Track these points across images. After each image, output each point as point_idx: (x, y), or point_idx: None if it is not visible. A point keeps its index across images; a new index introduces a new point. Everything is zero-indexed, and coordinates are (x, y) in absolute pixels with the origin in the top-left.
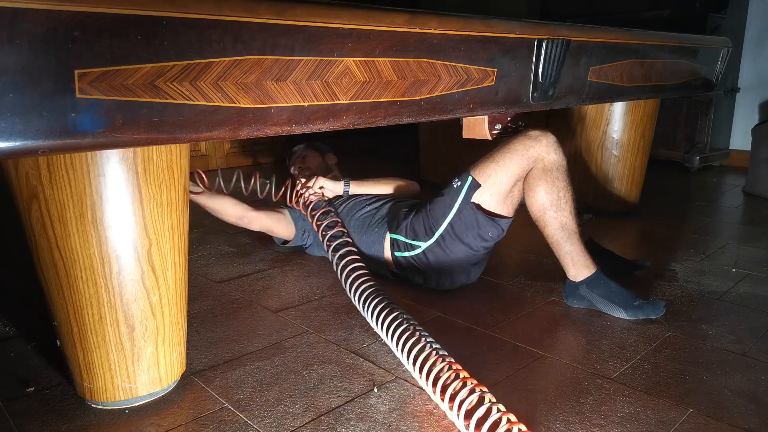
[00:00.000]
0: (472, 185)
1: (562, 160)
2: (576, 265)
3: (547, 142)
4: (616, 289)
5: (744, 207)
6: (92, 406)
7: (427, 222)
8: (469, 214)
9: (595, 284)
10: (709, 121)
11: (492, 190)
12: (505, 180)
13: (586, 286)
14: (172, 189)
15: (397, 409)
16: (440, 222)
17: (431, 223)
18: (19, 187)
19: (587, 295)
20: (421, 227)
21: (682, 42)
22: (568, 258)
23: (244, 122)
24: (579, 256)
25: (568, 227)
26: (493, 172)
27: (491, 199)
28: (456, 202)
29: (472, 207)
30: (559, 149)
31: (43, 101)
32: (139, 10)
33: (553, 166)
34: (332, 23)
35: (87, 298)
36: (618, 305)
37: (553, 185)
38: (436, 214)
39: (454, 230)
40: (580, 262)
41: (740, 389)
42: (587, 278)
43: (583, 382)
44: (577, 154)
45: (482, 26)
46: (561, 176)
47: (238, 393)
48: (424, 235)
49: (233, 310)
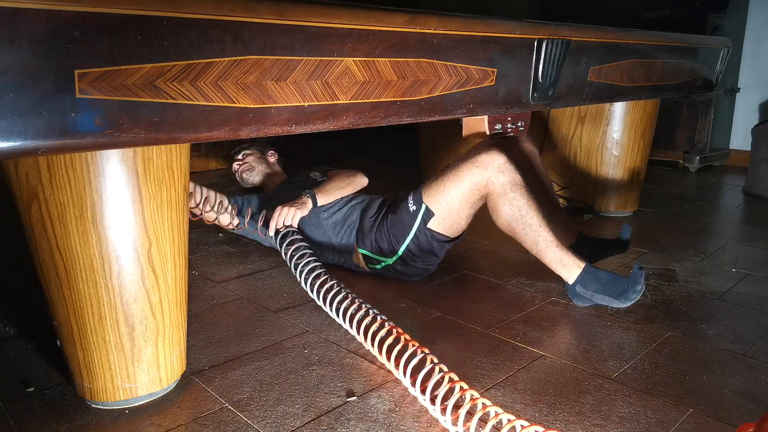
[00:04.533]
0: (426, 213)
1: (514, 179)
2: (565, 268)
3: (494, 167)
4: (607, 279)
5: (744, 207)
6: (92, 406)
7: (389, 240)
8: (424, 239)
9: (587, 281)
10: (709, 121)
11: (444, 214)
12: (456, 206)
13: (581, 285)
14: (172, 189)
15: (397, 409)
16: (401, 242)
17: (392, 242)
18: (19, 187)
19: (585, 294)
20: (385, 244)
21: (682, 42)
22: (554, 264)
23: (244, 122)
24: (564, 259)
25: (542, 238)
26: (444, 200)
27: (444, 222)
28: (413, 227)
29: (427, 232)
30: (508, 169)
31: (43, 101)
32: (139, 10)
33: (506, 189)
34: (332, 23)
35: (87, 298)
36: (612, 296)
37: (512, 205)
38: (396, 234)
39: (412, 251)
40: (567, 264)
41: (740, 389)
42: (578, 277)
43: (583, 382)
44: (576, 154)
45: (482, 26)
46: (518, 194)
47: (238, 393)
48: (389, 252)
49: (233, 310)
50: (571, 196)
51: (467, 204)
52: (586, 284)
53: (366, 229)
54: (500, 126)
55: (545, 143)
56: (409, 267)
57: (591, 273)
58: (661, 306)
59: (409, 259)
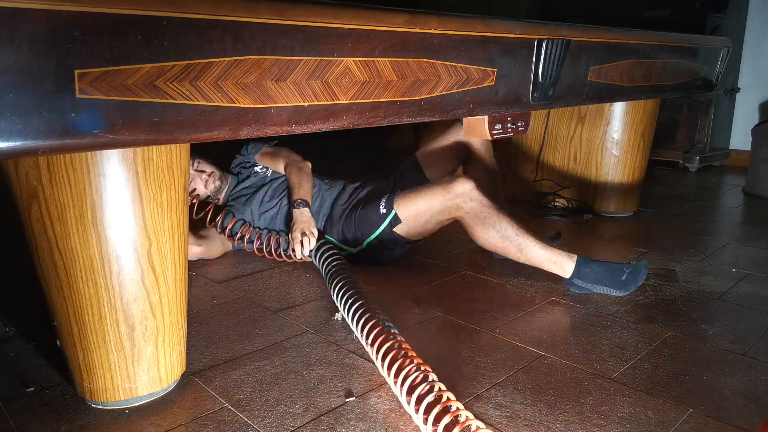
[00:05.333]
0: (394, 219)
1: (482, 201)
2: (557, 266)
3: (463, 193)
4: (603, 269)
5: (744, 207)
6: (92, 406)
7: (355, 233)
8: (389, 238)
9: (584, 273)
10: (709, 121)
11: (410, 224)
12: (423, 220)
13: (577, 278)
14: (172, 189)
15: (397, 409)
16: (366, 236)
17: (358, 236)
18: (19, 187)
19: (584, 285)
20: (351, 236)
21: (682, 42)
22: (547, 265)
23: (244, 122)
24: (554, 258)
25: (524, 245)
26: (413, 213)
27: (408, 231)
28: (380, 227)
29: (392, 234)
30: (476, 194)
31: (43, 101)
32: (139, 10)
33: (477, 210)
34: (332, 23)
35: (87, 298)
36: (609, 286)
37: (485, 225)
38: (363, 228)
39: (375, 246)
40: (558, 261)
41: (740, 389)
42: (574, 271)
43: (583, 382)
44: (576, 154)
45: (482, 26)
46: (487, 213)
47: (238, 393)
48: (353, 243)
49: (233, 310)
50: (571, 196)
51: (435, 221)
52: (583, 276)
53: (335, 217)
54: (500, 126)
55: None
56: (372, 256)
57: (585, 265)
58: (661, 306)
59: (371, 250)
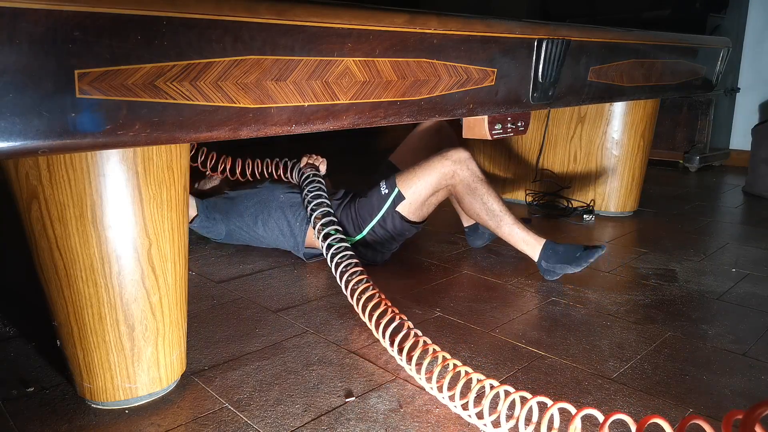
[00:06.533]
0: (397, 197)
1: (476, 172)
2: (528, 246)
3: (459, 160)
4: (563, 249)
5: (744, 207)
6: (92, 406)
7: (355, 220)
8: (391, 220)
9: (548, 255)
10: (709, 121)
11: (413, 200)
12: (424, 192)
13: (544, 260)
14: (172, 189)
15: (396, 409)
16: (367, 221)
17: (359, 221)
18: (19, 187)
19: (550, 268)
20: (350, 224)
21: (682, 42)
22: (520, 244)
23: (244, 122)
24: (527, 239)
25: (505, 222)
26: (414, 186)
27: (411, 207)
28: (383, 208)
29: (395, 214)
30: (471, 163)
31: (43, 101)
32: (139, 10)
33: (469, 180)
34: (332, 23)
35: (87, 298)
36: (567, 263)
37: (474, 195)
38: (363, 213)
39: (376, 233)
40: (529, 243)
41: (740, 389)
42: (541, 253)
43: (583, 382)
44: (576, 154)
45: (482, 26)
46: (479, 185)
47: (238, 393)
48: (353, 231)
49: (233, 310)
50: (571, 196)
51: (432, 190)
52: (548, 258)
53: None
54: (500, 126)
55: (545, 143)
56: (367, 249)
57: (550, 248)
58: (661, 306)
59: (370, 241)
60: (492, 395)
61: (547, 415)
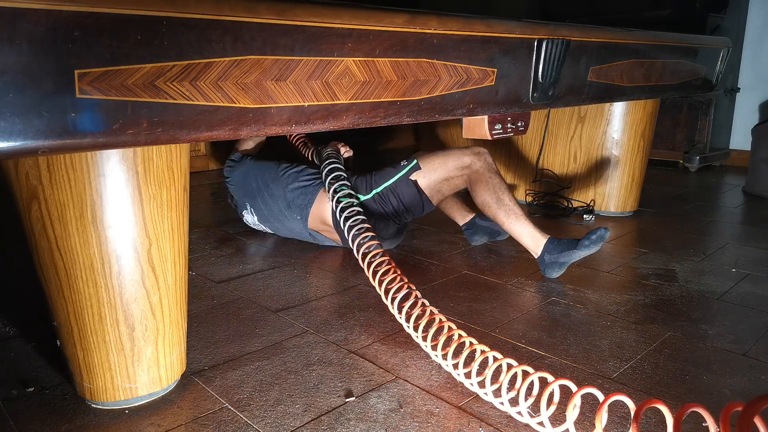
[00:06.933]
0: (414, 166)
1: (492, 165)
2: (533, 241)
3: (478, 153)
4: (566, 240)
5: (744, 207)
6: (92, 406)
7: (369, 182)
8: (403, 185)
9: (551, 249)
10: (709, 121)
11: (427, 175)
12: (439, 172)
13: (547, 253)
14: (172, 189)
15: (396, 410)
16: (380, 183)
17: (372, 183)
18: (19, 187)
19: (553, 260)
20: (363, 185)
21: (682, 42)
22: (525, 238)
23: (244, 122)
24: (533, 233)
25: (514, 214)
26: (431, 163)
27: (424, 181)
28: (398, 174)
29: (408, 181)
30: (487, 158)
31: (43, 101)
32: (139, 10)
33: (485, 170)
34: (332, 23)
35: (87, 298)
36: (571, 249)
37: (487, 185)
38: (378, 178)
39: (387, 194)
40: (535, 237)
41: (740, 389)
42: (545, 246)
43: (583, 382)
44: (576, 154)
45: (482, 26)
46: (493, 177)
47: (238, 393)
48: (363, 191)
49: (233, 310)
50: (571, 196)
51: (446, 173)
52: (551, 251)
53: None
54: (500, 126)
55: (545, 143)
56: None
57: (553, 242)
58: (661, 306)
59: (382, 200)
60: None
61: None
